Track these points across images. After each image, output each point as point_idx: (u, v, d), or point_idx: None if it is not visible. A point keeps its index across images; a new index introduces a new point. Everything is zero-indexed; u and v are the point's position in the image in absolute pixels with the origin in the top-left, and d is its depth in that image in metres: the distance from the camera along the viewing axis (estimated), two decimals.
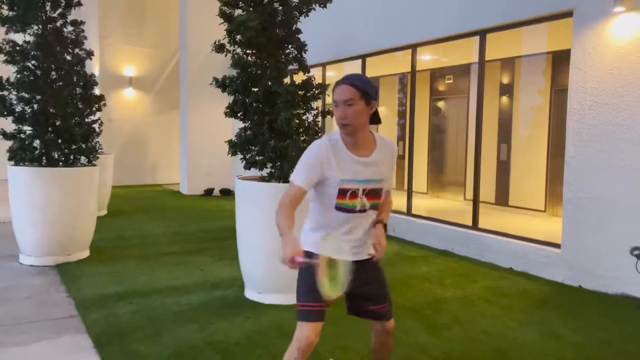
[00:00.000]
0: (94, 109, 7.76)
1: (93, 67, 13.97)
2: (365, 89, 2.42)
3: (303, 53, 4.88)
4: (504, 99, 9.63)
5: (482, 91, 6.78)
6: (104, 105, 7.93)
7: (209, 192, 12.77)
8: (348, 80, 2.43)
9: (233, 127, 12.88)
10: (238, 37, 4.63)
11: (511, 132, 9.44)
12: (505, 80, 9.61)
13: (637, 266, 4.90)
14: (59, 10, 6.18)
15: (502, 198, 9.44)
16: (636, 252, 4.89)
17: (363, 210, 2.54)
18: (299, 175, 2.47)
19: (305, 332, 2.48)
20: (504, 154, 9.49)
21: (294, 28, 4.78)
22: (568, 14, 5.54)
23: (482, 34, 6.61)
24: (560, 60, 8.29)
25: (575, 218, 5.48)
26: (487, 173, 8.93)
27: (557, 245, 5.68)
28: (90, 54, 6.80)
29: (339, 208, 2.52)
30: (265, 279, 4.70)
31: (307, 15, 4.80)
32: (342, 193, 2.48)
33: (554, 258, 5.65)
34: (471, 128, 8.54)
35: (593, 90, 5.28)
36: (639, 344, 3.91)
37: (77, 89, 6.57)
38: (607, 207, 5.19)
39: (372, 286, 2.66)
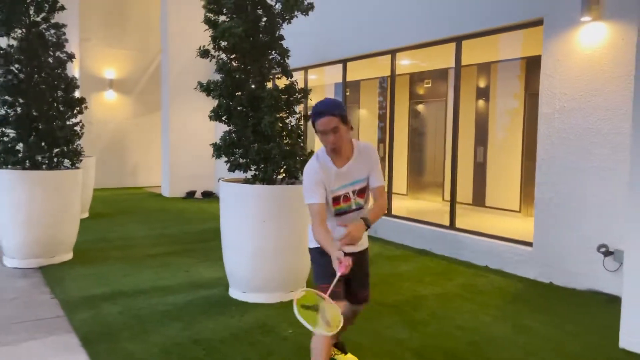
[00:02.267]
0: (75, 111, 7.79)
1: (73, 69, 13.92)
2: (342, 114, 2.78)
3: (286, 58, 5.03)
4: (481, 102, 9.90)
5: (458, 95, 7.01)
6: (86, 108, 7.96)
7: (190, 194, 12.82)
8: (328, 111, 2.75)
9: (215, 130, 12.97)
10: (223, 43, 4.75)
11: (487, 135, 9.71)
12: (482, 84, 9.88)
13: (604, 263, 5.15)
14: (43, 14, 6.22)
15: (479, 199, 9.70)
16: (603, 250, 5.14)
17: (359, 208, 2.99)
18: (312, 194, 2.81)
19: None
20: (480, 156, 9.76)
21: (277, 34, 4.93)
22: (539, 23, 5.79)
23: (459, 40, 6.83)
24: (533, 66, 8.58)
25: (546, 218, 5.72)
26: (465, 175, 9.18)
27: (530, 244, 5.91)
28: (71, 56, 6.82)
29: (338, 213, 2.95)
30: (250, 279, 4.83)
31: (290, 22, 4.94)
32: (336, 200, 2.92)
33: (526, 256, 5.89)
34: (449, 131, 8.78)
35: (562, 95, 5.53)
36: (606, 335, 4.13)
37: (59, 91, 6.60)
38: (576, 207, 5.44)
39: (364, 275, 3.20)
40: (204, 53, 4.88)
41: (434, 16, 7.09)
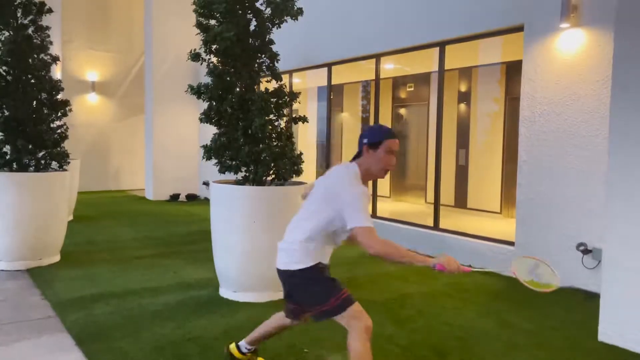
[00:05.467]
0: (59, 114, 7.76)
1: (55, 71, 13.80)
2: None
3: (275, 62, 5.13)
4: (462, 106, 10.11)
5: (442, 99, 7.18)
6: (70, 110, 7.94)
7: (174, 197, 12.81)
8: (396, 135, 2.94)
9: (200, 133, 12.99)
10: (214, 46, 4.83)
11: (469, 138, 9.92)
12: (463, 88, 10.09)
13: (583, 261, 5.34)
14: (30, 17, 6.23)
15: (461, 201, 9.90)
16: (582, 248, 5.33)
17: None
18: (368, 219, 2.69)
19: (359, 309, 2.79)
20: (462, 159, 9.97)
21: (267, 39, 5.03)
22: (519, 29, 5.99)
23: (442, 45, 7.01)
24: (513, 71, 8.81)
25: (527, 218, 5.90)
26: (447, 177, 9.36)
27: (512, 243, 6.09)
28: (55, 59, 6.80)
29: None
30: (240, 278, 4.90)
31: (280, 27, 5.05)
32: None
33: (508, 255, 6.06)
34: (431, 134, 8.96)
35: (542, 99, 5.72)
36: (585, 329, 4.30)
37: (43, 94, 6.58)
38: (556, 207, 5.63)
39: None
40: (195, 56, 4.95)
41: (419, 21, 7.26)
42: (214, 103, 4.96)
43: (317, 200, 2.88)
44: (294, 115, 5.25)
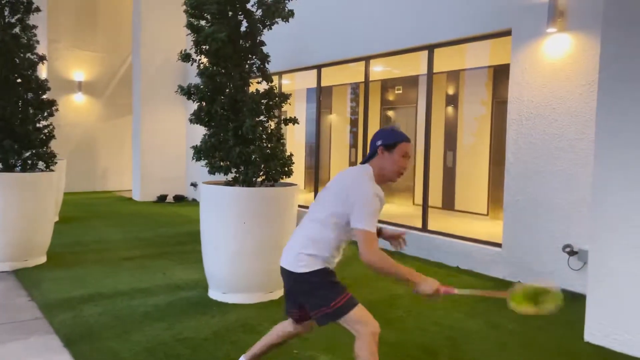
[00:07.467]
0: (45, 114, 7.67)
1: (41, 71, 13.66)
2: None
3: (266, 64, 5.14)
4: (450, 109, 10.20)
5: (430, 102, 7.24)
6: (56, 110, 7.85)
7: (162, 198, 12.74)
8: (409, 138, 2.93)
9: (187, 134, 12.94)
10: (205, 47, 4.83)
11: (456, 140, 10.01)
12: (451, 91, 10.18)
13: (568, 262, 5.42)
14: (18, 15, 6.17)
15: (448, 203, 9.97)
16: (568, 250, 5.41)
17: None
18: (372, 223, 2.72)
19: (363, 312, 2.73)
20: (449, 161, 10.05)
21: (257, 40, 5.04)
22: (507, 33, 6.06)
23: (431, 48, 7.07)
24: (500, 74, 8.92)
25: (514, 219, 5.98)
26: (434, 179, 9.43)
27: (499, 245, 6.16)
28: (42, 58, 6.74)
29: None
30: (230, 279, 4.90)
31: (271, 29, 5.06)
32: None
33: (495, 257, 6.13)
34: (419, 136, 9.01)
35: (529, 102, 5.80)
36: (571, 330, 4.37)
37: (29, 93, 6.51)
38: (542, 209, 5.70)
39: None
40: (186, 57, 4.94)
41: (408, 25, 7.31)
42: (205, 104, 4.95)
43: (330, 198, 2.81)
44: (284, 117, 5.26)
